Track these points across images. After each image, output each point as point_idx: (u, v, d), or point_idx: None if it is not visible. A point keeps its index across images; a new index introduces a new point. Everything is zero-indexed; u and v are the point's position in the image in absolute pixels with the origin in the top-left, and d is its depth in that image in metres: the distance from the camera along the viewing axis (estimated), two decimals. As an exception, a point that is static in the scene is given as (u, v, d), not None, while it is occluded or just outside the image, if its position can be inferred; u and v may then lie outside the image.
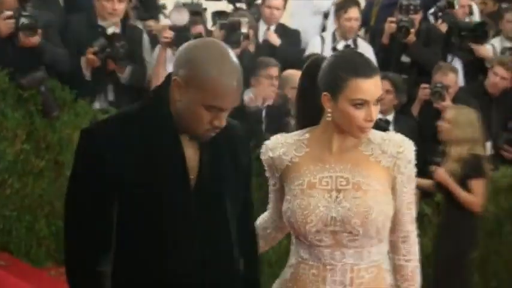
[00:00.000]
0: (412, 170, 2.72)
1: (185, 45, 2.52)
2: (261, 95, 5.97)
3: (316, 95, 2.68)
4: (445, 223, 5.51)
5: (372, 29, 7.17)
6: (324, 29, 7.21)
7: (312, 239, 2.65)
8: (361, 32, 6.96)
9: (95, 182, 2.46)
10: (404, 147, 2.71)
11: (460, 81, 6.87)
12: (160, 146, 2.50)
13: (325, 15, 7.30)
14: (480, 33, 6.80)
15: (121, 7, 5.74)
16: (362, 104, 2.62)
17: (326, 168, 2.68)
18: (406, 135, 2.80)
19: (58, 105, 5.34)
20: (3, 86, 5.22)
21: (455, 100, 6.28)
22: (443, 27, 6.96)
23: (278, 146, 2.76)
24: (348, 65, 2.63)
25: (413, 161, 2.72)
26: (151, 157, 2.49)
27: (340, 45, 6.62)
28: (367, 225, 2.63)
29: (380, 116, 6.21)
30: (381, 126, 5.99)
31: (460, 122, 5.38)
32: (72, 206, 2.52)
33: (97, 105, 5.70)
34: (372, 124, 2.67)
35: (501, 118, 6.61)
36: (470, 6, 7.32)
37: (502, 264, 6.13)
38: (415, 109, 6.52)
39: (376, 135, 2.74)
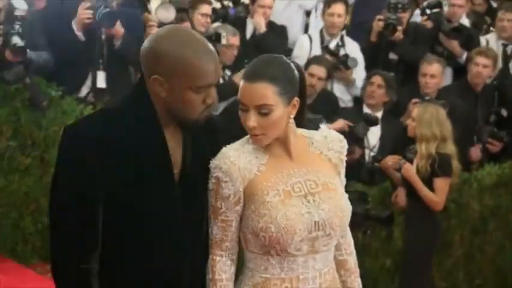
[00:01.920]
0: None
1: (146, 44, 2.50)
2: None
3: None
4: (408, 219, 5.52)
5: (347, 29, 7.16)
6: (306, 27, 7.22)
7: (291, 249, 2.56)
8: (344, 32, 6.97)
9: (78, 180, 2.45)
10: (344, 142, 2.72)
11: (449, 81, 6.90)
12: (144, 142, 2.50)
13: (308, 14, 7.30)
14: (462, 36, 6.82)
15: None
16: (244, 106, 2.53)
17: (291, 173, 2.60)
18: (394, 135, 2.78)
19: (46, 96, 5.30)
20: (-14, 83, 5.20)
21: (440, 98, 6.27)
22: (428, 25, 6.98)
23: (242, 155, 2.57)
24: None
25: None
26: (135, 153, 2.49)
27: (332, 44, 6.64)
28: (343, 224, 2.63)
29: (369, 111, 6.21)
30: (371, 120, 6.00)
31: (424, 120, 5.34)
32: (57, 205, 2.51)
33: (84, 91, 5.70)
34: (258, 132, 2.52)
35: (485, 113, 6.63)
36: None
37: (487, 261, 6.15)
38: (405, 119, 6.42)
39: (313, 133, 2.70)
